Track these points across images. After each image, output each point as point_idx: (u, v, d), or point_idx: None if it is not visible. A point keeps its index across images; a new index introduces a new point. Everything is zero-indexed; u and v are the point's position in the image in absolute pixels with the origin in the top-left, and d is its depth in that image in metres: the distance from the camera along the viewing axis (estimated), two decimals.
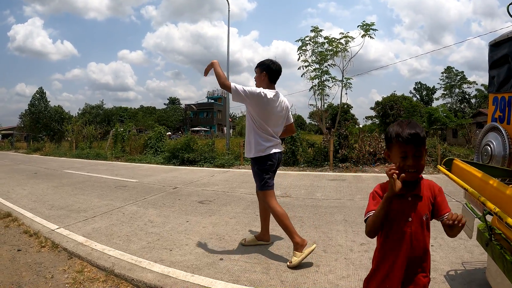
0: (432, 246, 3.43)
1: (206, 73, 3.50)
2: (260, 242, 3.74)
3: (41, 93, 38.38)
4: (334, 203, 5.72)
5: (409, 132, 1.51)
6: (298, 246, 3.19)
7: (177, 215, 5.28)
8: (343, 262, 3.23)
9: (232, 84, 3.25)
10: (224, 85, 3.24)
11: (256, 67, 3.57)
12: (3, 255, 3.82)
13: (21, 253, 3.88)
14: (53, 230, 4.65)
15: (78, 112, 57.74)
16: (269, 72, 3.46)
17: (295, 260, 3.14)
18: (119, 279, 3.11)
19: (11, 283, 3.13)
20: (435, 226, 1.92)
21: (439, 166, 2.51)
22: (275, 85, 3.60)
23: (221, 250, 3.69)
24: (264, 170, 3.38)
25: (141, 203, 6.16)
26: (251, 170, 3.58)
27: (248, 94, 3.26)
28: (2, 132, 58.53)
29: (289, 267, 3.14)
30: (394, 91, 73.96)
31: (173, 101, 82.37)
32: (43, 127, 35.64)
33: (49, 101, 38.44)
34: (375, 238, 1.69)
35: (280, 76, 3.55)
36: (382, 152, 11.23)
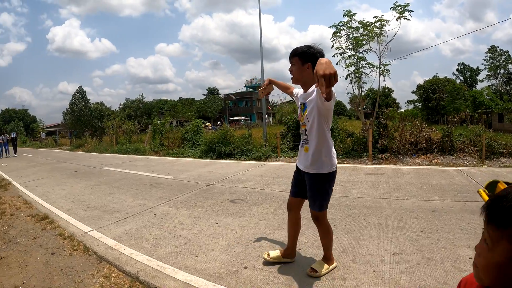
0: (470, 259, 3.29)
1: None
2: (285, 260, 3.47)
3: (81, 91, 40.40)
4: (370, 203, 5.61)
5: None
6: (329, 260, 3.18)
7: (208, 215, 5.42)
8: (371, 275, 3.10)
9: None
10: (331, 95, 2.45)
11: (294, 55, 2.89)
12: (38, 259, 4.12)
13: (55, 256, 4.16)
14: (86, 232, 4.93)
15: (119, 107, 59.98)
16: (315, 63, 2.43)
17: (324, 270, 3.12)
18: (143, 286, 3.26)
19: (42, 287, 3.38)
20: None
21: (480, 191, 2.07)
22: None
23: (246, 257, 3.72)
24: (331, 187, 3.01)
25: (173, 203, 6.36)
26: (287, 163, 3.43)
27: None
28: (46, 129, 62.14)
29: (312, 276, 3.10)
30: (436, 73, 71.30)
31: (212, 91, 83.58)
32: (85, 124, 37.47)
33: (90, 99, 40.63)
34: (408, 247, 1.52)
35: None
36: (424, 141, 10.86)
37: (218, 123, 44.68)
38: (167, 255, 3.92)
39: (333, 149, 2.94)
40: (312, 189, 2.98)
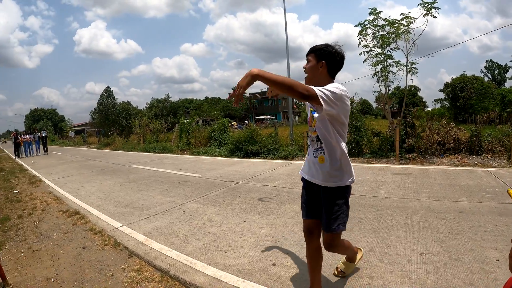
0: (497, 261, 3.21)
1: (237, 95, 2.21)
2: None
3: (108, 91, 41.35)
4: (397, 203, 5.51)
5: None
6: (353, 256, 3.09)
7: (236, 213, 5.43)
8: (398, 275, 3.08)
9: (315, 89, 2.18)
10: (306, 94, 2.13)
11: (311, 52, 2.57)
12: (70, 253, 4.22)
13: (86, 251, 4.26)
14: (117, 228, 5.04)
15: (145, 106, 61.15)
16: (330, 62, 2.49)
17: (349, 268, 3.09)
18: (173, 281, 3.31)
19: (74, 280, 3.47)
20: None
21: (509, 190, 2.06)
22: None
23: (275, 254, 3.73)
24: (348, 200, 2.64)
25: (202, 200, 6.42)
26: None
27: (338, 97, 2.28)
28: (74, 128, 63.97)
29: (337, 275, 3.10)
30: (464, 71, 69.31)
31: None
32: (112, 123, 38.31)
33: (117, 98, 41.40)
34: (435, 247, 1.49)
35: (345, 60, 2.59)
36: (452, 141, 10.57)
37: (246, 121, 44.82)
38: (197, 251, 3.95)
39: (349, 159, 2.58)
40: (332, 205, 2.54)
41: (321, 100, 2.15)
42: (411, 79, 12.10)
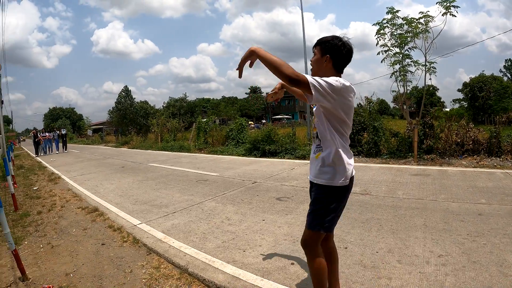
0: None
1: (240, 68, 2.26)
2: None
3: (126, 91, 41.81)
4: (416, 204, 5.42)
5: None
6: None
7: (254, 212, 5.42)
8: (417, 276, 3.05)
9: (308, 77, 2.07)
10: (294, 77, 2.03)
11: (316, 45, 2.44)
12: (89, 249, 4.27)
13: (105, 247, 4.31)
14: (135, 225, 5.08)
15: (162, 106, 61.70)
16: (335, 56, 2.34)
17: None
18: (192, 278, 3.31)
19: (93, 275, 3.51)
20: None
21: None
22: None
23: (293, 253, 3.71)
24: (340, 205, 2.43)
25: (220, 199, 6.42)
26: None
27: (335, 89, 2.15)
28: (92, 127, 65.01)
29: None
30: (483, 70, 67.53)
31: (255, 90, 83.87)
32: (130, 122, 38.72)
33: (135, 98, 41.76)
34: (454, 249, 1.49)
35: (362, 59, 2.36)
36: (471, 142, 10.34)
37: (263, 121, 44.77)
38: (215, 249, 3.95)
39: (349, 159, 2.38)
40: (315, 201, 2.41)
41: (311, 87, 2.04)
42: (430, 79, 11.80)
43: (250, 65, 2.28)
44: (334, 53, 2.33)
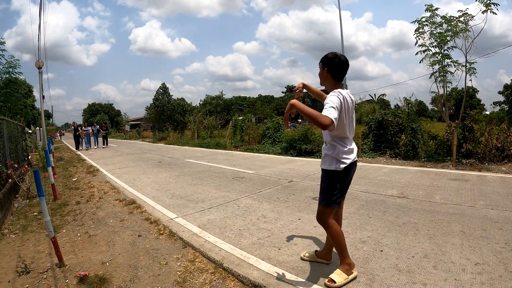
0: None
1: (286, 122, 3.07)
2: (320, 260, 3.49)
3: (164, 88, 42.57)
4: (453, 209, 5.25)
5: None
6: (347, 268, 3.07)
7: (290, 211, 5.42)
8: (452, 283, 2.97)
9: (330, 117, 2.57)
10: (327, 124, 2.54)
11: (319, 62, 3.15)
12: (125, 239, 4.41)
13: (141, 238, 4.44)
14: (172, 219, 5.20)
15: (199, 103, 62.49)
16: (331, 68, 3.02)
17: (342, 280, 2.98)
18: (226, 273, 3.36)
19: (129, 265, 3.63)
20: None
21: None
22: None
23: None
24: (343, 183, 3.07)
25: (256, 196, 6.46)
26: (368, 164, 3.31)
27: (340, 102, 2.79)
28: (130, 122, 66.76)
29: (330, 286, 2.96)
30: None
31: (291, 89, 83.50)
32: (167, 118, 39.47)
33: (172, 95, 42.39)
34: (491, 258, 1.45)
35: (399, 59, 2.76)
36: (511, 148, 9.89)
37: (299, 120, 44.52)
38: (251, 245, 3.99)
39: (346, 155, 3.01)
40: (321, 182, 3.16)
41: (334, 121, 2.59)
42: (470, 80, 11.30)
43: (292, 115, 2.97)
44: (330, 65, 3.03)
